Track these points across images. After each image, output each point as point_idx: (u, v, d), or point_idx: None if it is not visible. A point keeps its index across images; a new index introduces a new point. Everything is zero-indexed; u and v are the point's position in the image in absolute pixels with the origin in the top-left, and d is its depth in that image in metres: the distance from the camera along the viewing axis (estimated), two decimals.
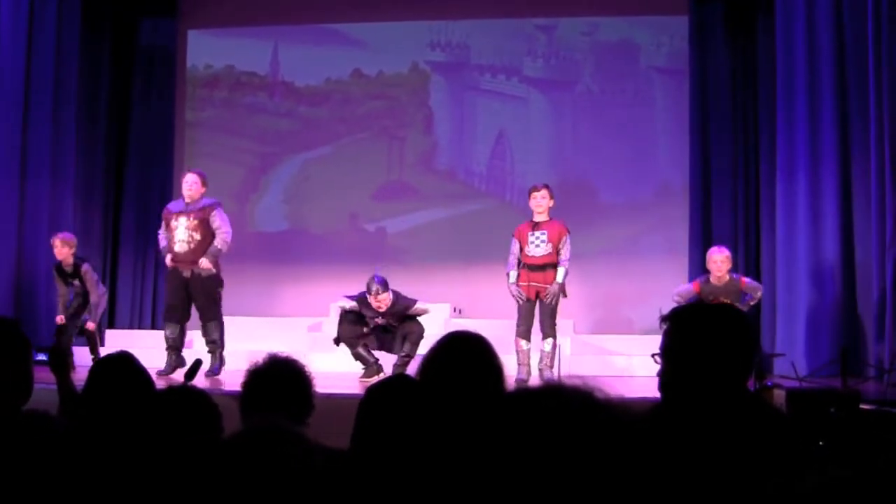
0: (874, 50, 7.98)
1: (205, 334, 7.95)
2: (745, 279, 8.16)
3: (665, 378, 2.37)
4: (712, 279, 7.96)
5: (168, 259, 7.98)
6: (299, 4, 11.24)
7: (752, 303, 8.02)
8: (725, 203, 9.75)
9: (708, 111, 10.02)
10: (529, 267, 7.65)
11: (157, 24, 11.21)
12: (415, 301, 7.82)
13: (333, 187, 10.84)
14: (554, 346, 7.61)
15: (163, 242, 8.09)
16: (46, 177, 9.53)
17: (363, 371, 7.68)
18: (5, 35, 9.26)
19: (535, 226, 7.69)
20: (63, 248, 8.49)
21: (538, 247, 7.64)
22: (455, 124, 11.04)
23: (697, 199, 9.87)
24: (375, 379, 7.28)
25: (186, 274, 7.82)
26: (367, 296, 7.69)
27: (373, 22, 11.04)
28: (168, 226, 7.94)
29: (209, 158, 11.25)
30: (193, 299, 7.89)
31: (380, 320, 7.77)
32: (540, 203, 7.68)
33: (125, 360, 3.26)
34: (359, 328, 7.76)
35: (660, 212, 10.36)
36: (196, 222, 7.79)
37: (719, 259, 7.96)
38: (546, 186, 7.80)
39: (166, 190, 11.07)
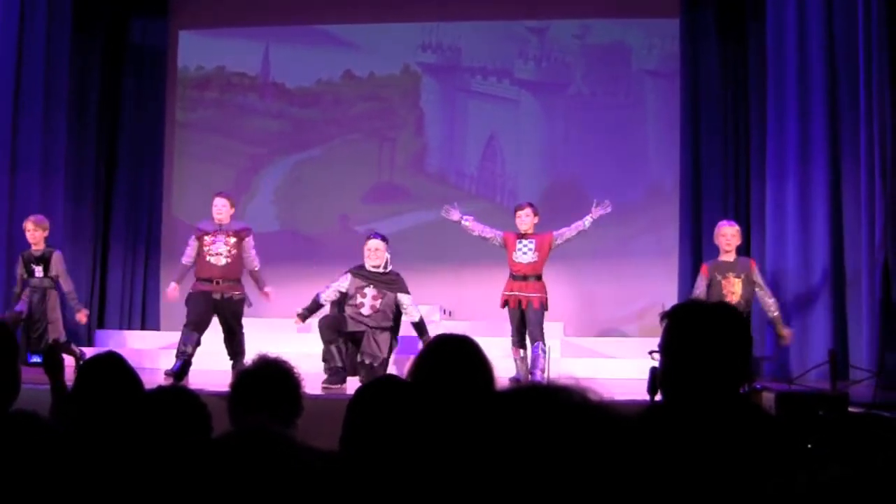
0: (864, 53, 8.00)
1: (232, 347, 8.00)
2: (757, 268, 7.83)
3: (664, 375, 2.38)
4: (721, 256, 7.76)
5: (171, 291, 8.12)
6: (290, 6, 11.23)
7: (771, 309, 7.69)
8: (716, 205, 9.76)
9: (699, 113, 10.03)
10: (514, 276, 7.87)
11: (148, 25, 11.18)
12: (408, 292, 7.69)
13: (324, 189, 10.83)
14: (542, 349, 7.70)
15: (187, 256, 8.13)
16: (36, 177, 9.49)
17: (326, 376, 7.34)
18: None
19: (523, 235, 7.93)
20: (36, 232, 8.21)
21: (525, 254, 7.85)
22: (446, 126, 11.05)
23: (688, 201, 9.88)
24: (337, 387, 7.18)
25: (217, 297, 7.93)
26: (365, 249, 7.65)
27: (364, 23, 11.04)
28: (201, 241, 8.02)
29: (200, 159, 11.24)
30: (223, 320, 8.02)
31: (366, 308, 7.55)
32: (524, 221, 7.90)
33: (114, 360, 3.25)
34: (341, 324, 7.57)
35: (650, 214, 10.38)
36: (234, 241, 8.00)
37: (729, 233, 7.72)
38: (530, 205, 8.01)
39: (156, 190, 11.05)
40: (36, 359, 7.53)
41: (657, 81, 10.62)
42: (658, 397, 2.53)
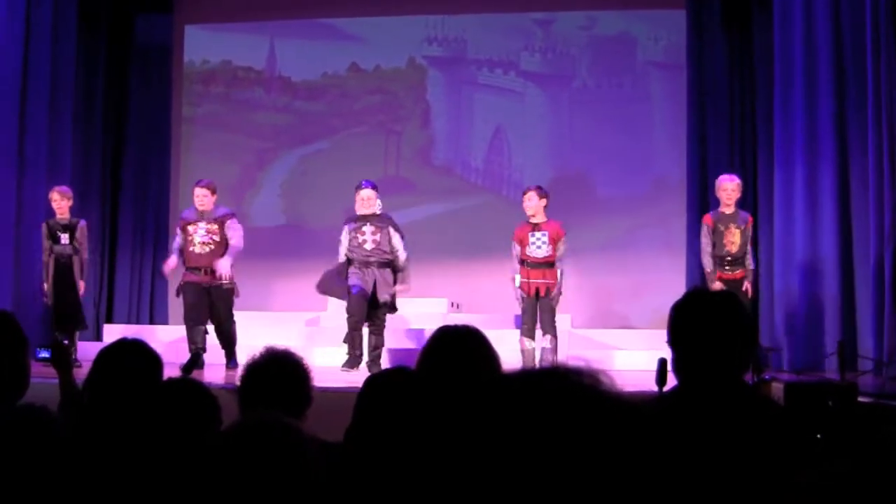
0: (872, 43, 7.97)
1: (224, 336, 8.12)
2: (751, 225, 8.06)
3: (676, 365, 2.39)
4: (721, 208, 7.89)
5: (170, 263, 8.20)
6: None
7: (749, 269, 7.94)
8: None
9: (705, 105, 9.99)
10: (530, 265, 7.75)
11: (154, 20, 11.18)
12: (400, 232, 7.91)
13: (330, 182, 10.82)
14: (554, 342, 7.71)
15: (176, 243, 8.27)
16: (43, 173, 9.52)
17: (346, 359, 7.69)
18: (2, 32, 9.24)
19: (535, 227, 7.78)
20: (62, 202, 8.42)
21: (539, 248, 7.74)
22: (452, 119, 11.03)
23: (695, 193, 9.85)
24: (354, 371, 7.43)
25: (206, 285, 8.03)
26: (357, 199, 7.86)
27: (370, 17, 11.02)
28: (185, 231, 8.11)
29: (206, 154, 11.24)
30: (213, 307, 8.10)
31: (368, 244, 7.82)
32: (528, 205, 7.78)
33: (137, 344, 3.20)
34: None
35: (657, 206, 10.35)
36: (216, 227, 8.07)
37: (730, 187, 7.85)
38: (537, 188, 7.90)
39: (163, 185, 11.06)
40: (44, 353, 7.56)
41: (663, 73, 10.59)
42: (667, 388, 2.53)
